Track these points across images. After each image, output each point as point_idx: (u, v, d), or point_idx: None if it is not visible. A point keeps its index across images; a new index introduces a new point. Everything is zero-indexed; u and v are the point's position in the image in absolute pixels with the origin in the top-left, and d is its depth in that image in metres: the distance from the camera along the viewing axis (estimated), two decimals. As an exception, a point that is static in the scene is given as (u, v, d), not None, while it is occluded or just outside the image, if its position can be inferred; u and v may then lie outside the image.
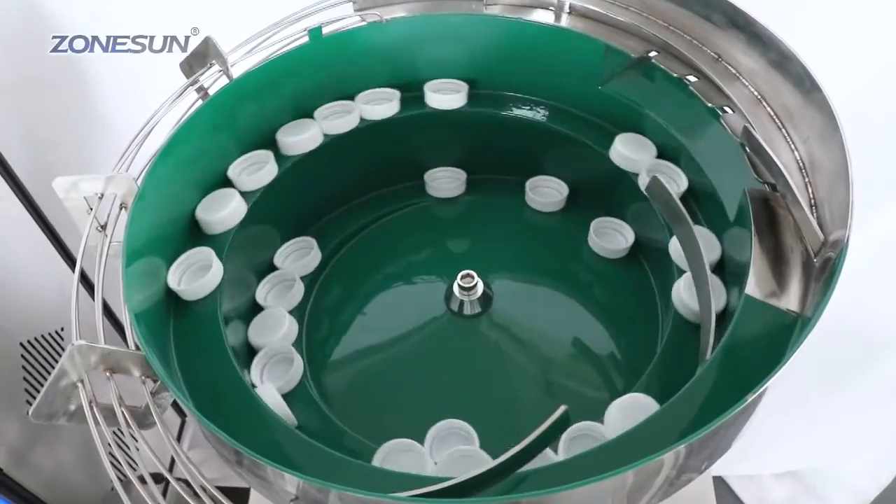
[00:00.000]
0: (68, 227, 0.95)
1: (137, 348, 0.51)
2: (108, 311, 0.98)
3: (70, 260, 1.00)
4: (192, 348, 0.59)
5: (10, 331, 0.87)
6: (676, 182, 0.69)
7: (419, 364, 0.71)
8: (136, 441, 0.49)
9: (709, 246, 0.62)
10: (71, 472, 0.96)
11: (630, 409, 0.54)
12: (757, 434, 1.29)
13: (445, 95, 0.78)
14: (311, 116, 0.77)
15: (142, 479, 0.46)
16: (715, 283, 0.59)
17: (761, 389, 0.42)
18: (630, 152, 0.72)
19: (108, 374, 0.50)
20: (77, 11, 0.92)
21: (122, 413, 0.49)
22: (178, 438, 1.28)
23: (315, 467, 0.49)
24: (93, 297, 0.55)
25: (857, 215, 0.49)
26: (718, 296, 0.58)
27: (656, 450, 0.44)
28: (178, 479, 0.46)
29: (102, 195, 0.60)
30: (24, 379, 0.88)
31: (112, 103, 1.00)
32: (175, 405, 1.20)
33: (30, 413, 0.48)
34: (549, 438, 0.43)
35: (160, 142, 0.63)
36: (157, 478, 0.48)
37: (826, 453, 1.35)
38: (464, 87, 0.79)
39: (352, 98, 0.79)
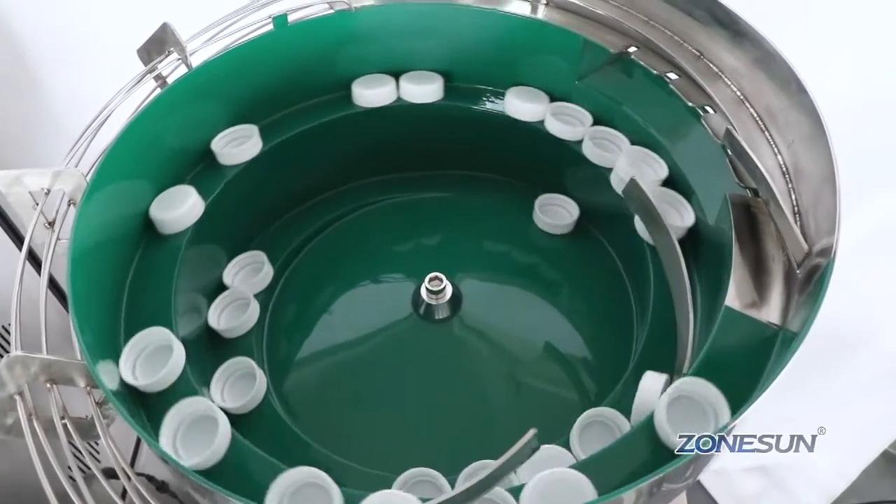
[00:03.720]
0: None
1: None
2: (61, 294, 0.94)
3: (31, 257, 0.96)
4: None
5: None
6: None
7: (387, 372, 0.69)
8: (83, 464, 0.46)
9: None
10: (29, 472, 0.93)
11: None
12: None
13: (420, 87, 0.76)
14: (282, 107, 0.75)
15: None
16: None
17: (741, 416, 0.40)
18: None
19: (49, 385, 0.47)
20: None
21: (64, 426, 0.46)
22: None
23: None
24: (40, 298, 0.52)
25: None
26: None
27: (631, 472, 0.43)
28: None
29: (49, 191, 0.56)
30: (-26, 376, 0.84)
31: (65, 93, 0.97)
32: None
33: (-37, 426, 0.45)
34: (517, 463, 0.40)
35: (114, 132, 0.60)
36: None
37: (803, 450, 1.35)
38: (439, 79, 0.77)
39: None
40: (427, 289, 0.69)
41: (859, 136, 0.83)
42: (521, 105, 0.74)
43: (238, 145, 0.70)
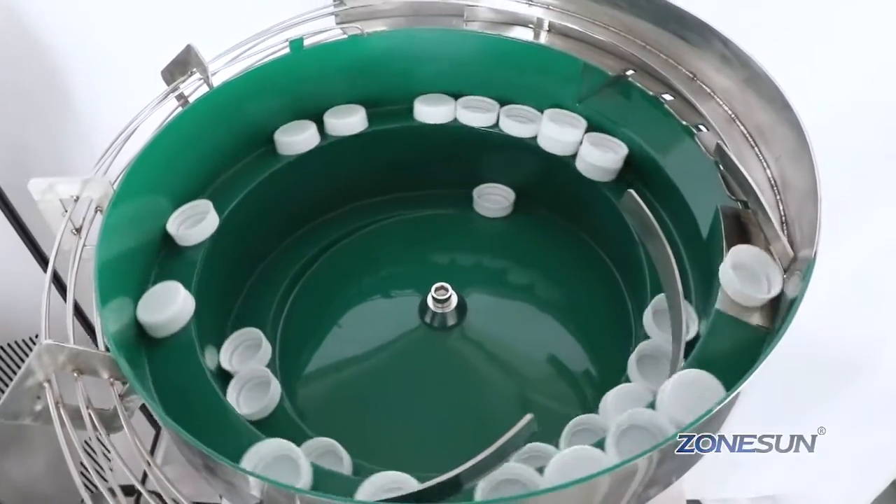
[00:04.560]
0: (45, 233, 0.94)
1: (107, 350, 0.51)
2: (80, 315, 0.97)
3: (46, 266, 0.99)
4: (163, 352, 0.59)
5: (-17, 337, 0.86)
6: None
7: (394, 378, 0.71)
8: (106, 448, 0.48)
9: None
10: (41, 482, 0.95)
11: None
12: (733, 458, 1.29)
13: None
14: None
15: (112, 492, 0.46)
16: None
17: (715, 409, 0.42)
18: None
19: (75, 374, 0.49)
20: (60, 21, 0.92)
21: (90, 415, 0.48)
22: (152, 452, 1.27)
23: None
24: (65, 300, 0.55)
25: (833, 237, 0.50)
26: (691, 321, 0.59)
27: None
28: (150, 492, 0.46)
29: (78, 198, 0.60)
30: (-4, 385, 0.87)
31: (91, 109, 1.00)
32: (149, 417, 1.20)
33: (-5, 412, 0.47)
34: (515, 446, 0.43)
35: (138, 147, 0.63)
36: (128, 490, 0.48)
37: (803, 478, 1.35)
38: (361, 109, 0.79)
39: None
40: (434, 298, 0.71)
41: (862, 155, 0.85)
42: (431, 110, 0.78)
43: (194, 224, 0.67)
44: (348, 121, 0.77)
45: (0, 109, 0.97)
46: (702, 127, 0.66)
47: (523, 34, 0.78)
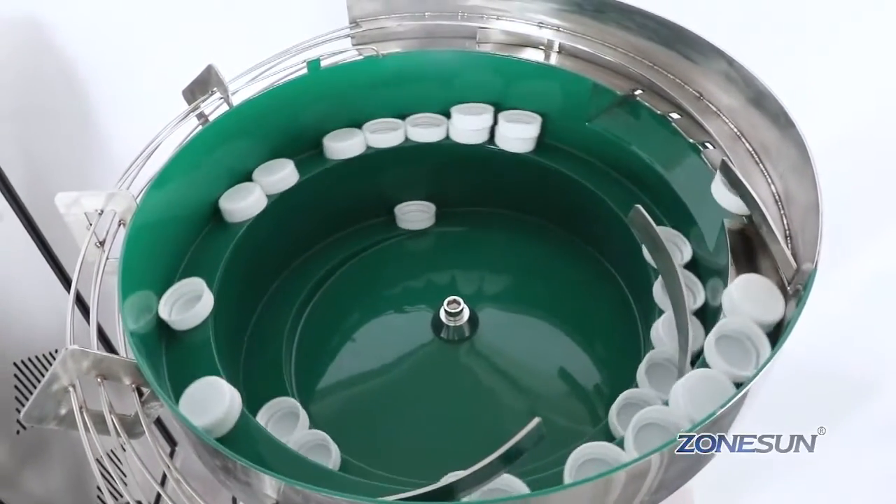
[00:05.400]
0: (66, 249, 0.96)
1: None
2: (100, 334, 0.98)
3: (67, 282, 1.01)
4: (183, 360, 0.61)
5: (3, 350, 0.87)
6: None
7: (407, 390, 0.72)
8: (123, 449, 0.50)
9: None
10: (60, 497, 0.96)
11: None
12: (746, 478, 1.29)
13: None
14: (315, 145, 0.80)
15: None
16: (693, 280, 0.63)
17: (717, 414, 0.43)
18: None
19: (99, 379, 0.51)
20: (82, 41, 0.95)
21: (112, 420, 0.50)
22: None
23: (298, 476, 0.50)
24: (87, 314, 0.56)
25: (845, 256, 0.50)
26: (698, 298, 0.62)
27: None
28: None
29: (102, 211, 0.62)
30: (16, 399, 0.88)
31: (112, 129, 1.03)
32: (163, 433, 1.21)
33: (21, 416, 0.49)
34: (526, 447, 0.44)
35: (160, 163, 0.65)
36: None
37: (816, 498, 1.34)
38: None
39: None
40: (446, 311, 0.73)
41: (871, 173, 0.86)
42: (339, 144, 0.79)
43: (188, 307, 0.64)
44: (281, 174, 0.76)
45: (21, 124, 1.00)
46: (708, 144, 0.67)
47: (534, 55, 0.80)
